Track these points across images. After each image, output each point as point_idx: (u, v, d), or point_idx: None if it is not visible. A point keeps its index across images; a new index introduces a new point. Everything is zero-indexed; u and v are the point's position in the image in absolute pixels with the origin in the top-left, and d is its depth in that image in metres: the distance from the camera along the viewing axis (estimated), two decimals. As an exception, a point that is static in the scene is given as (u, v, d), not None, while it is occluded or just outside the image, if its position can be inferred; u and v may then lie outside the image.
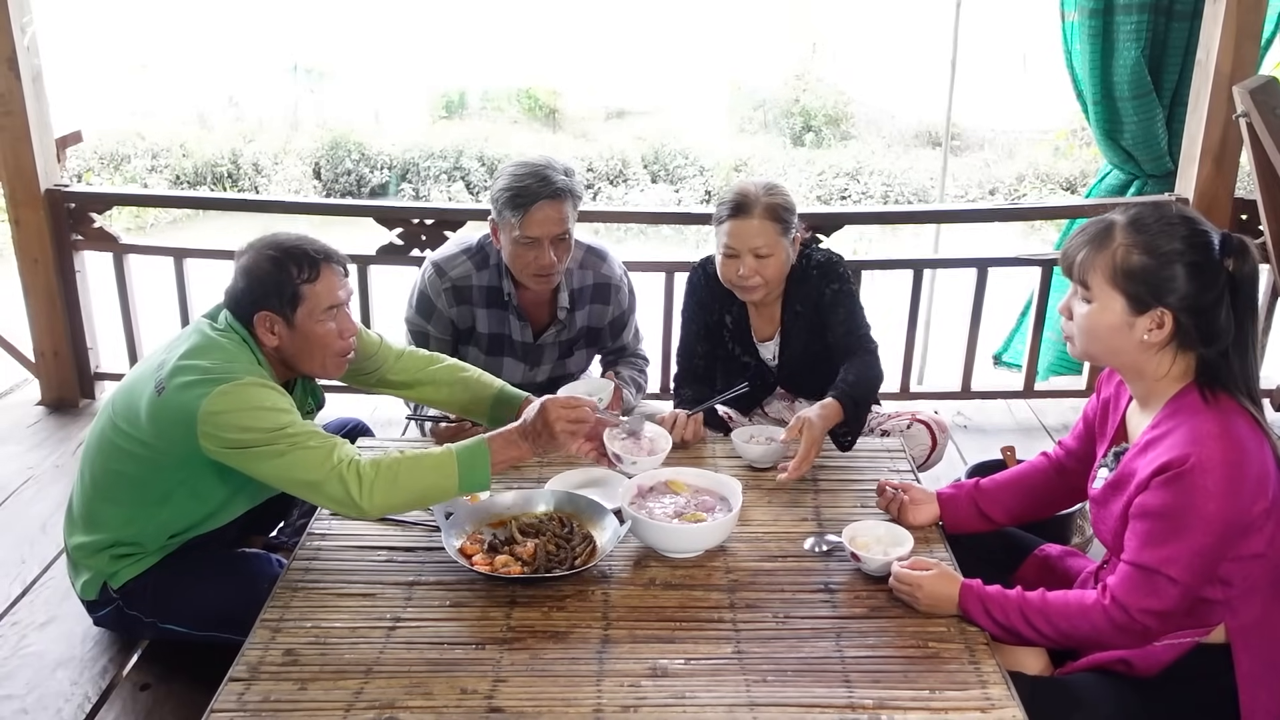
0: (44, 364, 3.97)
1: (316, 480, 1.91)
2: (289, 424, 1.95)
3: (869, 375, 2.53)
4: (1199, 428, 1.65)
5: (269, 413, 1.94)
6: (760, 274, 2.51)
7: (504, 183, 2.52)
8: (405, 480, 1.91)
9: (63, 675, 2.27)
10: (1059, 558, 2.09)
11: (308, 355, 2.13)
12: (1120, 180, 4.01)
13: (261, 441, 1.92)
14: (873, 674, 1.67)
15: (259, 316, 2.08)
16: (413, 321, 2.73)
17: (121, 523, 2.15)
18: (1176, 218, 1.69)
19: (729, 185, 2.63)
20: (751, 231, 2.48)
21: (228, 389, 1.94)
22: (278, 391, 2.01)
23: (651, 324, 3.78)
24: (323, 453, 1.92)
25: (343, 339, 2.14)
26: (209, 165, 11.01)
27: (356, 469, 1.91)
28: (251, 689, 1.63)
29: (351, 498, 1.89)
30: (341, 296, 2.13)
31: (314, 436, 1.95)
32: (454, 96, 13.25)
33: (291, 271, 2.06)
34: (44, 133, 3.77)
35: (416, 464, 1.92)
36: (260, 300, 2.07)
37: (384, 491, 1.90)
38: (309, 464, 1.91)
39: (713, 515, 2.01)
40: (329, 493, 1.91)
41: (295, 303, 2.07)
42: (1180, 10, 3.69)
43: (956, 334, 4.01)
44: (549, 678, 1.66)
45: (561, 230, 2.52)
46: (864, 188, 10.81)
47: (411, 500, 1.94)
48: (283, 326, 2.09)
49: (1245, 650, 1.72)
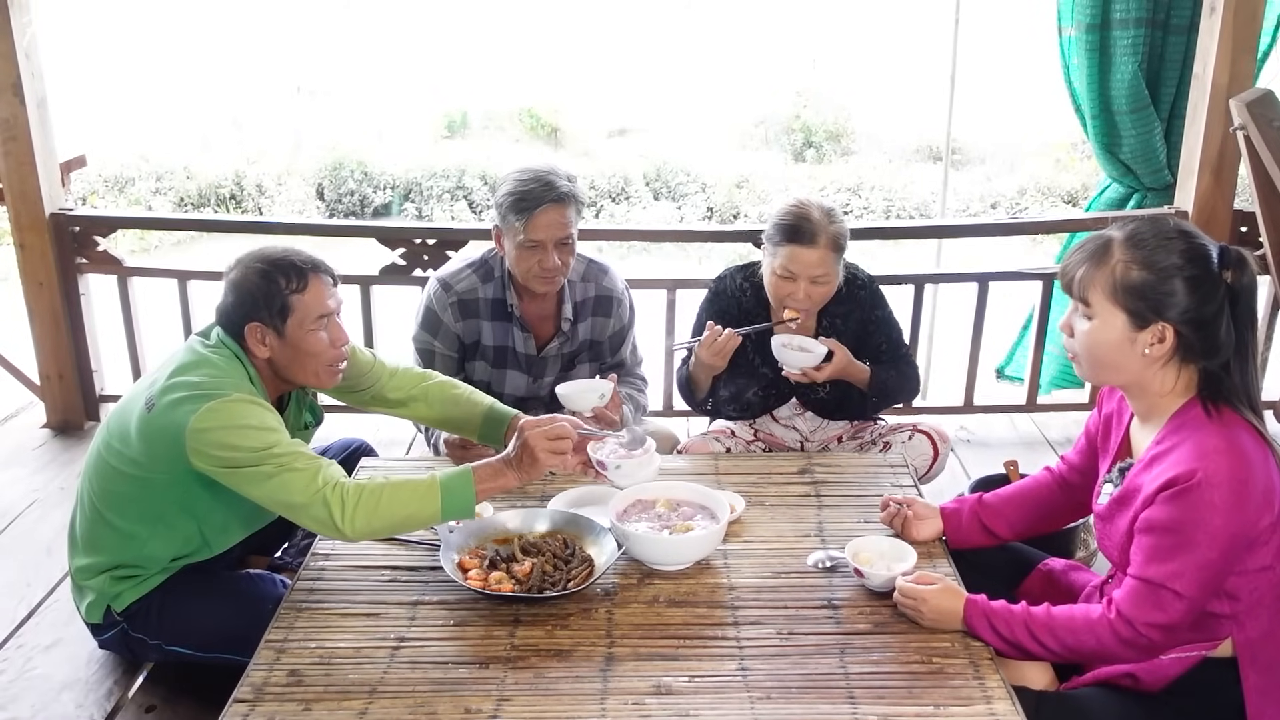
0: (49, 387, 3.98)
1: (301, 503, 1.91)
2: (275, 444, 1.95)
3: (907, 374, 2.77)
4: (1204, 443, 1.65)
5: (256, 431, 1.95)
6: (812, 298, 2.58)
7: (508, 188, 2.54)
8: (387, 506, 1.90)
9: (68, 698, 2.27)
10: (1063, 572, 2.08)
11: (300, 366, 2.14)
12: (1120, 194, 4.01)
13: (248, 461, 1.93)
14: (877, 690, 1.66)
15: (250, 328, 2.09)
16: (419, 339, 2.74)
17: (120, 544, 2.15)
18: (1174, 232, 1.70)
19: (787, 203, 2.61)
20: (814, 260, 2.53)
21: (215, 406, 1.95)
22: (266, 409, 2.02)
23: (654, 341, 3.79)
24: (308, 475, 1.92)
25: (334, 348, 2.15)
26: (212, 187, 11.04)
27: (341, 493, 1.90)
28: (256, 710, 1.63)
29: (334, 521, 1.89)
30: (331, 306, 2.14)
31: (300, 458, 1.95)
32: (456, 116, 13.30)
33: (280, 283, 2.08)
34: (48, 157, 3.79)
35: (400, 490, 1.92)
36: (250, 313, 2.08)
37: (365, 516, 1.90)
38: (294, 486, 1.92)
39: (698, 524, 2.02)
40: (313, 515, 1.91)
41: (285, 314, 2.09)
42: (1177, 24, 3.70)
43: (959, 348, 4.02)
44: (553, 696, 1.66)
45: (565, 234, 2.55)
46: (865, 203, 10.82)
47: (393, 525, 1.93)
48: (274, 338, 2.10)
49: (1251, 664, 1.72)
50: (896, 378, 2.74)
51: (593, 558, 1.98)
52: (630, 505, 2.08)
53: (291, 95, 13.18)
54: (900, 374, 2.76)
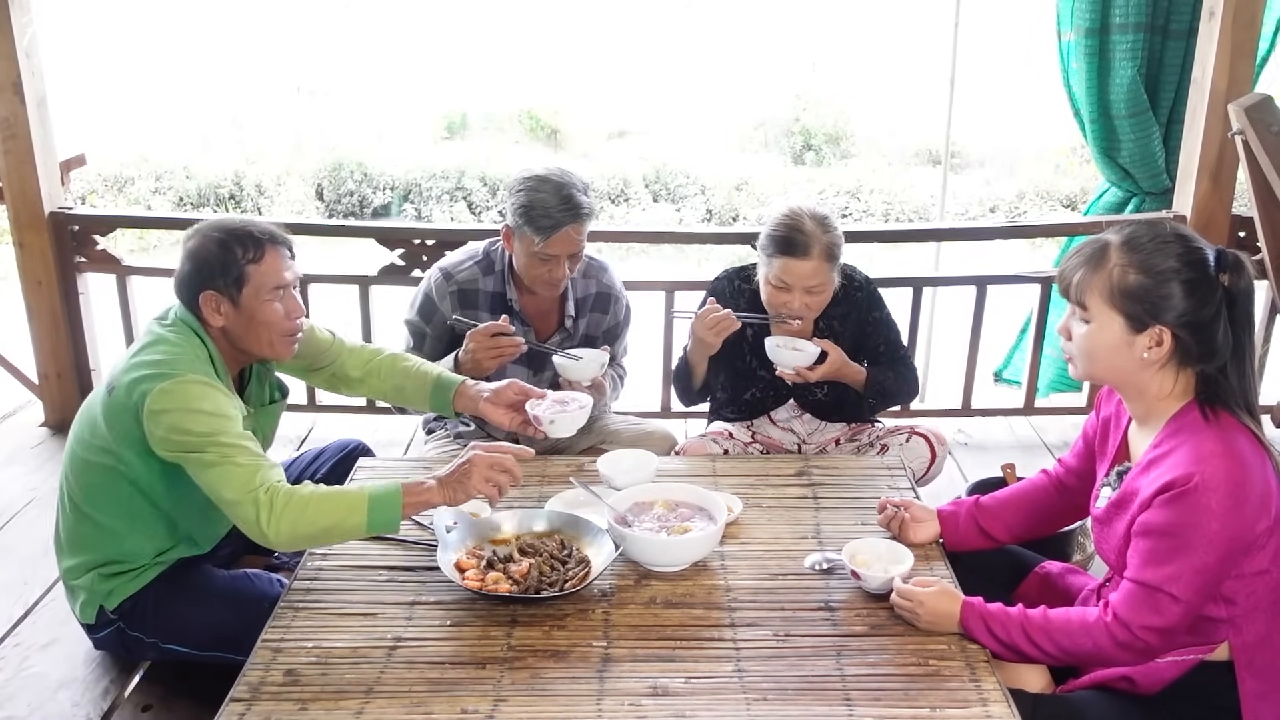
0: (47, 386, 3.98)
1: (232, 499, 1.92)
2: (223, 431, 1.96)
3: (905, 375, 2.76)
4: (1201, 446, 1.65)
5: (206, 416, 1.96)
6: (809, 306, 2.58)
7: (527, 199, 2.52)
8: (314, 514, 1.90)
9: (64, 696, 2.27)
10: (1060, 575, 2.08)
11: (254, 336, 2.15)
12: (1119, 198, 4.02)
13: (195, 446, 1.95)
14: (873, 692, 1.67)
15: (205, 296, 2.10)
16: (412, 322, 2.77)
17: (101, 540, 2.16)
18: (1171, 235, 1.70)
19: (780, 213, 2.60)
20: (808, 272, 2.53)
21: (169, 386, 1.97)
22: (220, 392, 2.03)
23: (652, 343, 3.79)
24: (247, 472, 1.93)
25: (289, 319, 2.17)
26: (212, 187, 11.03)
27: (272, 496, 1.91)
28: (252, 710, 1.63)
29: (259, 523, 1.90)
30: (287, 278, 2.16)
31: (244, 453, 1.96)
32: (456, 117, 13.29)
33: (237, 252, 2.10)
34: (48, 156, 3.80)
35: (327, 500, 1.92)
36: (206, 280, 2.10)
37: (290, 523, 1.90)
38: (231, 481, 1.93)
39: (695, 525, 2.02)
40: (242, 514, 1.92)
41: (241, 283, 2.10)
42: (1176, 29, 3.71)
43: (957, 351, 4.02)
44: (550, 697, 1.66)
45: (579, 248, 2.59)
46: (865, 206, 10.81)
47: (317, 534, 1.93)
48: (229, 306, 2.11)
49: (1248, 668, 1.72)
50: (894, 379, 2.74)
51: (590, 558, 1.98)
52: (628, 506, 2.09)
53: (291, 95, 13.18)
54: (898, 375, 2.76)
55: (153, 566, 2.19)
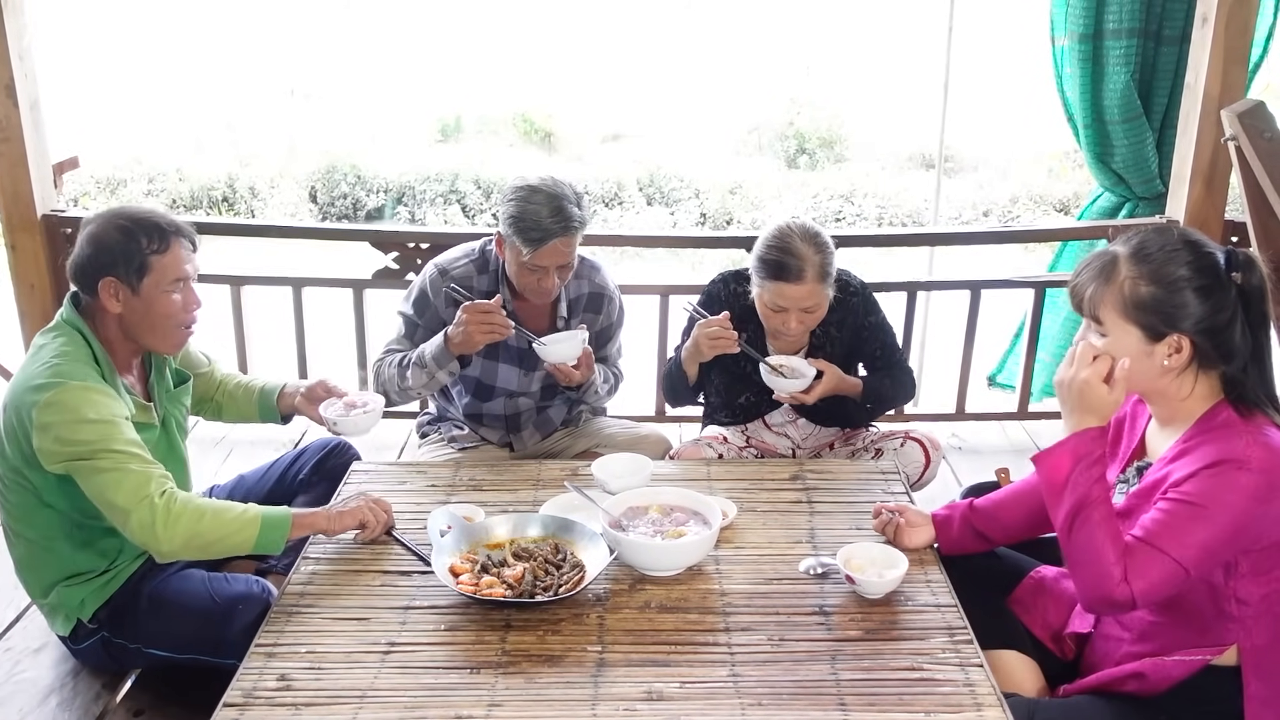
0: (39, 389, 3.96)
1: (125, 506, 1.93)
2: (112, 438, 1.96)
3: (901, 379, 2.77)
4: (1245, 436, 1.65)
5: (91, 424, 1.96)
6: (805, 324, 2.58)
7: (517, 209, 2.51)
8: (209, 525, 1.96)
9: (55, 701, 2.25)
10: (1055, 580, 2.08)
11: (149, 326, 2.15)
12: (1112, 203, 4.03)
13: (84, 455, 1.95)
14: (868, 697, 1.67)
15: (104, 283, 2.09)
16: (406, 314, 2.77)
17: (46, 556, 2.16)
18: (1179, 243, 1.70)
19: (770, 233, 2.56)
20: (801, 295, 2.52)
21: (52, 397, 1.96)
22: (107, 395, 2.03)
23: (646, 347, 3.79)
24: (140, 478, 1.94)
25: (186, 311, 2.18)
26: (205, 189, 11.02)
27: (168, 501, 1.93)
28: (245, 715, 1.63)
29: (154, 528, 1.92)
30: (189, 271, 2.17)
31: (135, 459, 1.96)
32: (450, 120, 13.27)
33: (141, 242, 2.09)
34: (41, 158, 3.78)
35: (222, 515, 1.98)
36: (107, 267, 2.09)
37: (185, 533, 1.93)
38: (123, 487, 1.93)
39: (689, 530, 2.02)
40: (137, 520, 1.93)
41: (143, 272, 2.10)
42: (1169, 35, 3.72)
43: (950, 356, 4.02)
44: (544, 702, 1.65)
45: (569, 260, 2.58)
46: (858, 210, 10.82)
47: (206, 547, 1.98)
48: (128, 294, 2.11)
49: (1255, 672, 1.72)
50: (891, 384, 2.74)
51: (584, 563, 1.98)
52: (623, 511, 2.09)
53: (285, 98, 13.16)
54: (895, 379, 2.76)
55: (116, 571, 2.18)
